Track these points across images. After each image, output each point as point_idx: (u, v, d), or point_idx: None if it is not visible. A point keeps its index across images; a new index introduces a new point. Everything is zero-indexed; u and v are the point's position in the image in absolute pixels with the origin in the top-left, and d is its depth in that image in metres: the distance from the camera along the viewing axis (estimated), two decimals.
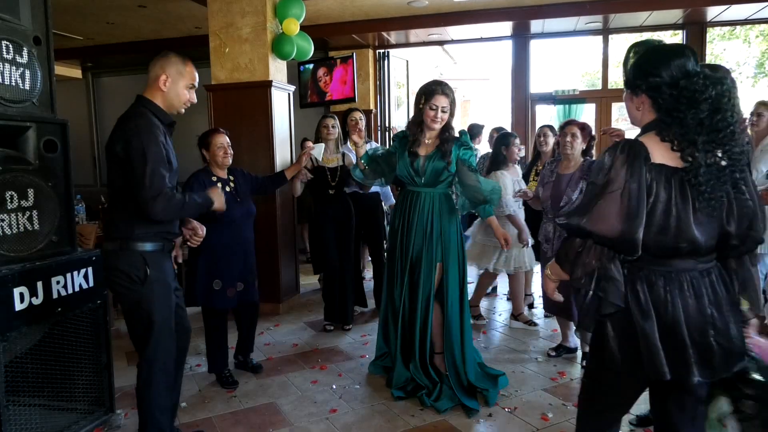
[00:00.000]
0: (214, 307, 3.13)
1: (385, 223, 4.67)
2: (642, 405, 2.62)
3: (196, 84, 2.27)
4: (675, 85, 1.40)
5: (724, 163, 1.41)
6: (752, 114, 3.53)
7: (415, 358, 2.97)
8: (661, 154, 1.42)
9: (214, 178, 3.10)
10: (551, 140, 4.10)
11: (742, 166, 1.44)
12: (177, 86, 2.19)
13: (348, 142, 4.38)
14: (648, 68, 1.45)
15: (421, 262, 2.93)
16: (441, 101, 2.83)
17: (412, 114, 3.04)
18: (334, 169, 4.00)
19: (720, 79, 1.39)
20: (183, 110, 2.27)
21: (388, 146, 4.07)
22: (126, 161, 2.06)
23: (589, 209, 1.43)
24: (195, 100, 2.28)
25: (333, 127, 4.02)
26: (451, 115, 2.90)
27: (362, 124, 4.30)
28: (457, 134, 2.95)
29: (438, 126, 2.87)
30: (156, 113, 2.17)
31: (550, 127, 4.22)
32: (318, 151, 3.71)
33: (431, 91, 2.85)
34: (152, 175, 2.03)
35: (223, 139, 3.11)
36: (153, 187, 2.03)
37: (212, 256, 3.07)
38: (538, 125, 6.70)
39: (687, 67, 1.41)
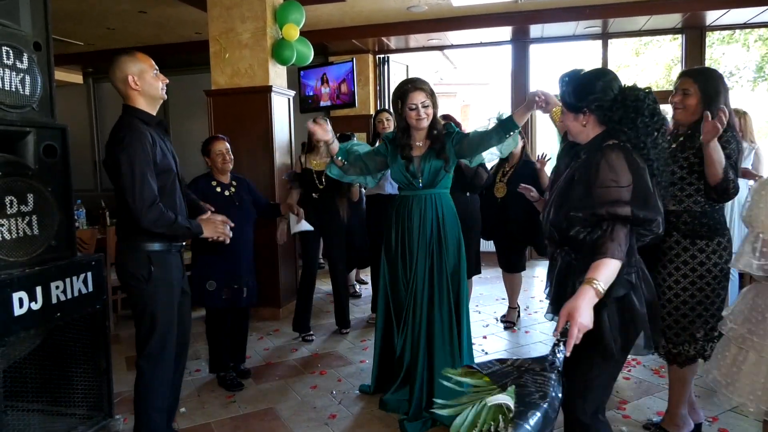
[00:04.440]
0: (209, 307, 3.19)
1: None
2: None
3: (157, 68, 2.26)
4: (618, 101, 1.63)
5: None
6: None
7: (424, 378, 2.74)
8: None
9: (214, 183, 3.19)
10: (519, 143, 4.07)
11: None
12: (146, 78, 2.20)
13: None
14: (588, 92, 1.67)
15: (433, 273, 2.73)
16: (418, 97, 2.64)
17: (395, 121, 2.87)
18: (321, 173, 3.94)
19: (646, 91, 1.65)
20: (165, 95, 2.27)
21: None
22: (117, 173, 2.11)
23: (648, 199, 1.56)
24: (167, 80, 2.28)
25: None
26: (434, 106, 2.71)
27: (391, 125, 4.24)
28: (443, 129, 2.77)
29: (425, 123, 2.69)
30: (140, 117, 2.20)
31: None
32: (298, 227, 3.59)
33: (404, 91, 2.68)
34: (142, 187, 2.08)
35: (223, 146, 3.17)
36: (144, 198, 2.07)
37: (209, 257, 3.12)
38: (538, 129, 6.73)
39: (618, 85, 1.67)
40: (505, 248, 4.17)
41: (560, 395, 1.46)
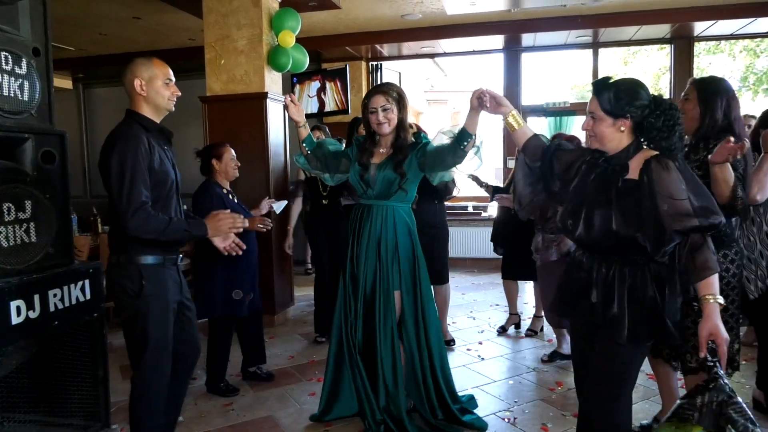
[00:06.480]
0: (237, 315, 3.17)
1: None
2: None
3: (172, 78, 2.21)
4: (655, 110, 1.69)
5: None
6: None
7: (380, 408, 2.65)
8: None
9: (225, 190, 3.19)
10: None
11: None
12: (154, 85, 2.16)
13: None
14: (632, 98, 1.71)
15: (376, 289, 2.61)
16: (378, 101, 2.54)
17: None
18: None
19: (672, 100, 1.75)
20: (172, 107, 2.22)
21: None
22: (108, 177, 2.07)
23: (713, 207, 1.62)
24: (179, 93, 2.23)
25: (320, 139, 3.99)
26: (401, 111, 2.58)
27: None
28: (413, 138, 2.66)
29: (387, 129, 2.56)
30: (141, 122, 2.15)
31: None
32: (278, 206, 3.63)
33: (368, 95, 2.61)
34: (130, 190, 2.02)
35: (232, 152, 3.23)
36: (131, 201, 2.02)
37: (231, 266, 3.09)
38: None
39: (650, 96, 1.73)
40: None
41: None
